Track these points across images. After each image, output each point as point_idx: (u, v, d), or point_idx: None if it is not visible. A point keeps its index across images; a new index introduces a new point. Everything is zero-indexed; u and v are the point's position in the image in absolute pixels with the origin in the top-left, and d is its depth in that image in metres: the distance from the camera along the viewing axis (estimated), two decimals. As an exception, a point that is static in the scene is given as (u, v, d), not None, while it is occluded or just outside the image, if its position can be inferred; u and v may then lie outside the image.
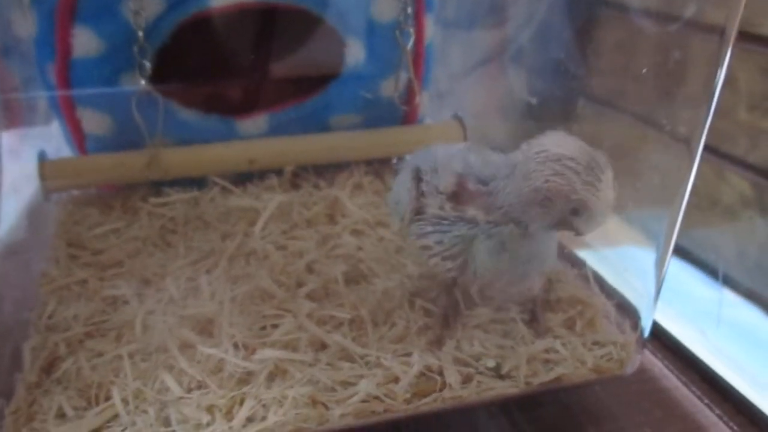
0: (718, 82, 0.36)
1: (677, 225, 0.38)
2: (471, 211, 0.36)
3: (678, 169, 0.38)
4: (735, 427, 0.40)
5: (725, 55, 0.35)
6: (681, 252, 0.58)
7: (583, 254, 0.47)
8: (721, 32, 0.35)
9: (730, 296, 0.53)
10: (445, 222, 0.37)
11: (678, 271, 0.56)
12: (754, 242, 0.53)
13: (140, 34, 0.50)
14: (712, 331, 0.49)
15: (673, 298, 0.53)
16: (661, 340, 0.48)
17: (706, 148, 0.50)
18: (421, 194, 0.38)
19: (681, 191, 0.37)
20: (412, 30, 0.56)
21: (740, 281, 0.53)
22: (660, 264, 0.39)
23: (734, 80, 0.53)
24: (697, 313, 0.52)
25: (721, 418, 0.41)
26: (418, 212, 0.39)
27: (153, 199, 0.53)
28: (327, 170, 0.58)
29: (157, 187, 0.55)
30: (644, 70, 0.41)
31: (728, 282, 0.54)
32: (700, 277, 0.56)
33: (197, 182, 0.55)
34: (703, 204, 0.57)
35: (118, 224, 0.51)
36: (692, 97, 0.39)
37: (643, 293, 0.41)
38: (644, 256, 0.40)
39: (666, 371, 0.44)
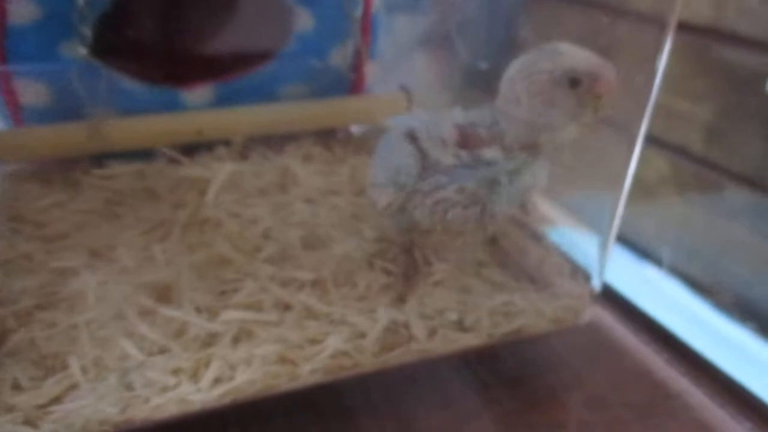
0: (658, 71, 0.38)
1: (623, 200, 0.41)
2: (488, 153, 0.37)
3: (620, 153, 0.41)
4: (681, 369, 0.42)
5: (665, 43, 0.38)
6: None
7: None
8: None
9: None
10: (464, 169, 0.37)
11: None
12: (672, 220, 0.56)
13: (79, -1, 0.49)
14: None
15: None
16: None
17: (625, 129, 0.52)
18: (424, 153, 0.38)
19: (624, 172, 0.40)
20: (359, -3, 0.56)
21: (662, 257, 0.56)
22: (609, 224, 0.41)
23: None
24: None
25: (669, 362, 0.43)
26: (428, 169, 0.38)
27: (96, 171, 0.51)
28: (276, 141, 0.57)
29: (99, 160, 0.53)
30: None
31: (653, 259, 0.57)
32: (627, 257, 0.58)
33: (141, 155, 0.53)
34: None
35: (60, 197, 0.49)
36: (633, 86, 0.40)
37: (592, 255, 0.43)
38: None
39: (615, 323, 0.46)
